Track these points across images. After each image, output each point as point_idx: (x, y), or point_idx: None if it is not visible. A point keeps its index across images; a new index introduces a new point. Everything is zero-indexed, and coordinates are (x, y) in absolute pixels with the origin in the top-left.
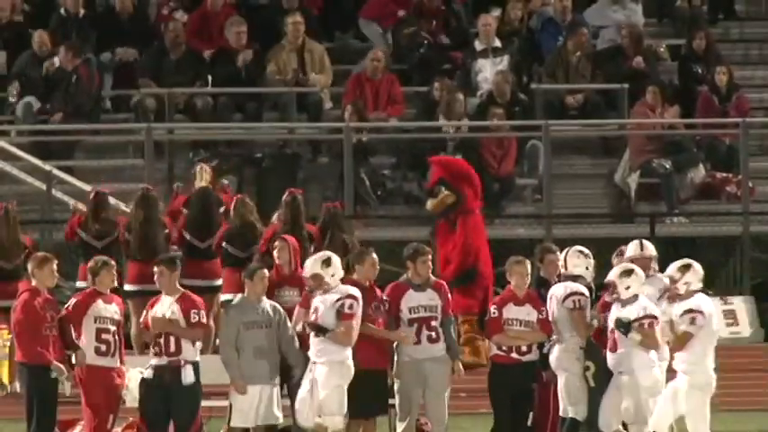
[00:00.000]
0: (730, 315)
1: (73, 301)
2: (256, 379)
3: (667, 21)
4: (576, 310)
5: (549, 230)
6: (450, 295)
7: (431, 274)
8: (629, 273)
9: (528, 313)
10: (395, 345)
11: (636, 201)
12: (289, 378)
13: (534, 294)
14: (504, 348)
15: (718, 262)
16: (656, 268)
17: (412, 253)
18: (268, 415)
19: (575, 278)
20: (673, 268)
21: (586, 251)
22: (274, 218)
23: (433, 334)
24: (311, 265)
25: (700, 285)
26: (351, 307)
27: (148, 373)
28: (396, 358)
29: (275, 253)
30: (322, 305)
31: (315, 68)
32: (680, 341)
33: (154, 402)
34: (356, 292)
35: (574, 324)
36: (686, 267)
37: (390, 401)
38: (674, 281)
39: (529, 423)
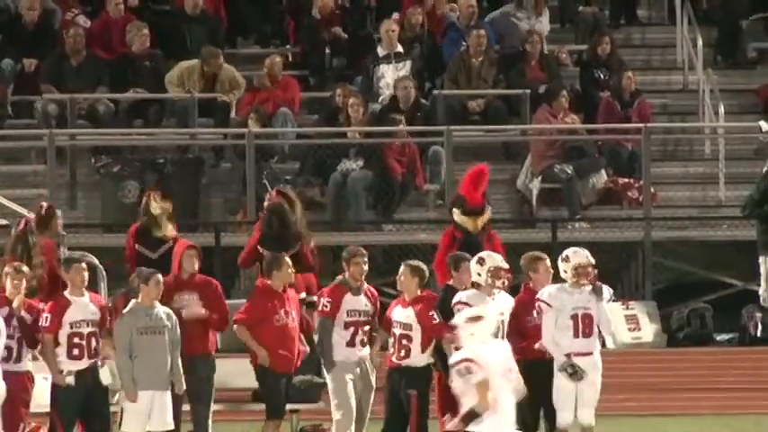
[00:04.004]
0: (632, 320)
1: None
2: (149, 384)
3: (570, 26)
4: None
5: None
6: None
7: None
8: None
9: (407, 316)
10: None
11: (538, 206)
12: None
13: (422, 297)
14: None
15: (620, 267)
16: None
17: (347, 255)
18: (160, 421)
19: (473, 285)
20: None
21: (486, 255)
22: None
23: (365, 338)
24: None
25: None
26: None
27: (71, 378)
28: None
29: (185, 260)
30: None
31: (224, 89)
32: None
33: (75, 406)
34: None
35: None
36: None
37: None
38: None
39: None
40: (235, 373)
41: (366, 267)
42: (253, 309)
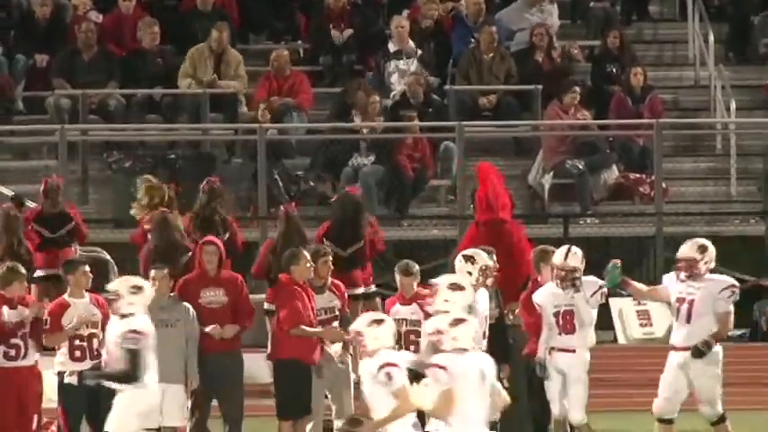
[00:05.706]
0: (644, 315)
1: None
2: (160, 377)
3: (581, 22)
4: None
5: (463, 232)
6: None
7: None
8: None
9: (413, 312)
10: None
11: (549, 201)
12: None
13: (422, 294)
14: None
15: (632, 263)
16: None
17: (312, 253)
18: (173, 415)
19: None
20: None
21: (473, 254)
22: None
23: None
24: None
25: None
26: None
27: (73, 379)
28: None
29: (204, 256)
30: None
31: (229, 76)
32: None
33: (81, 405)
34: None
35: None
36: None
37: None
38: None
39: None
40: (256, 367)
41: (331, 265)
42: (292, 306)
